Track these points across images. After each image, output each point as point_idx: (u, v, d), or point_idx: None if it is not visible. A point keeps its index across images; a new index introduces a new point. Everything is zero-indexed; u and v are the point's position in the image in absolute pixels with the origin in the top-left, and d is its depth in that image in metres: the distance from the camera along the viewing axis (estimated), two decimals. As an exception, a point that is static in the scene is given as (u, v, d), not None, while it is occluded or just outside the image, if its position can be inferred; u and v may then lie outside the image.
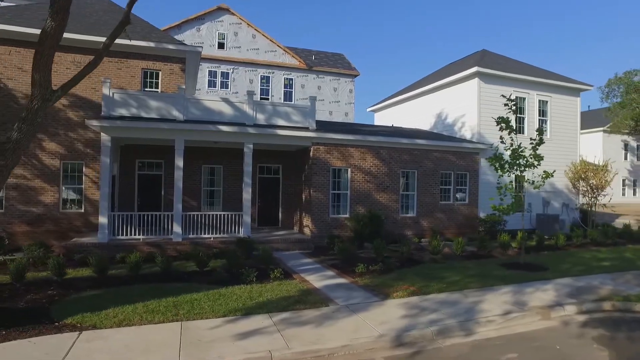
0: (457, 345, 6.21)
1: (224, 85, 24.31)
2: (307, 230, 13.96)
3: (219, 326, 6.52)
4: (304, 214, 14.43)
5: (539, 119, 17.23)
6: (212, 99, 13.47)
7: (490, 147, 16.29)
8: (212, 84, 23.92)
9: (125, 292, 8.14)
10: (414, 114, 20.63)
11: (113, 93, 12.15)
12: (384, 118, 23.40)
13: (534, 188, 11.11)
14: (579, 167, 16.50)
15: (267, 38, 25.03)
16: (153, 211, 13.20)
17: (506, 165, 10.95)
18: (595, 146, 28.99)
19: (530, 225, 16.62)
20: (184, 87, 12.81)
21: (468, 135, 16.70)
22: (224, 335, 6.17)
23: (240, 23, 24.54)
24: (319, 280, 9.47)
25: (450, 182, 15.62)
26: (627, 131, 24.23)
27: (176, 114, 12.50)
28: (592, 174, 15.94)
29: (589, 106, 43.01)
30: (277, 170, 15.81)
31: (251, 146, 12.95)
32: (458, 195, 15.75)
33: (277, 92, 24.84)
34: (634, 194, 30.58)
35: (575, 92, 18.07)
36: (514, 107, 11.07)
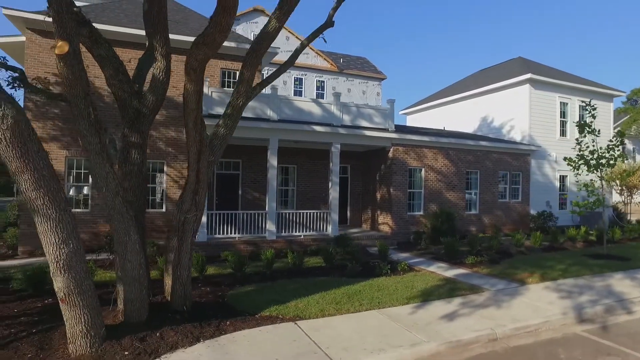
0: (633, 321, 6.98)
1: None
2: (385, 228, 14.51)
3: (414, 312, 6.99)
4: (379, 212, 14.97)
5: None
6: (302, 100, 13.81)
7: (539, 148, 17.52)
8: (246, 85, 23.92)
9: (278, 287, 8.38)
10: (452, 117, 21.64)
11: (212, 92, 12.26)
12: (418, 121, 24.30)
13: (621, 184, 12.20)
14: (615, 168, 17.97)
15: (300, 40, 25.38)
16: (231, 210, 13.33)
17: (590, 166, 11.95)
18: (596, 149, 31.26)
19: (572, 221, 17.92)
20: (277, 87, 13.09)
21: (518, 138, 17.83)
22: (431, 318, 6.65)
23: (275, 25, 24.79)
24: (442, 270, 10.06)
25: (506, 182, 16.65)
26: (634, 134, 26.41)
27: (270, 113, 12.77)
28: (627, 174, 17.40)
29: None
30: (345, 171, 16.26)
31: (339, 146, 13.39)
32: (512, 192, 16.83)
33: (309, 94, 25.21)
34: (630, 193, 33.11)
35: (609, 97, 19.69)
36: (593, 112, 12.10)
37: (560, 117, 18.27)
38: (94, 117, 5.06)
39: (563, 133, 18.22)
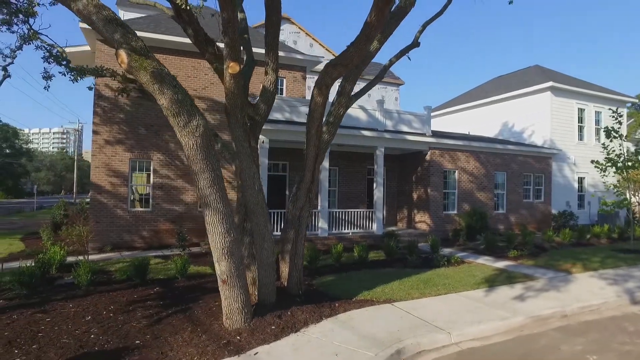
0: (677, 302, 8.04)
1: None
2: (422, 226, 15.53)
3: (487, 295, 7.99)
4: (415, 211, 15.99)
5: (595, 128, 19.90)
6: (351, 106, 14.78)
7: (560, 152, 18.68)
8: (272, 90, 24.88)
9: (354, 277, 9.27)
10: (472, 122, 22.77)
11: (270, 100, 13.18)
12: (437, 125, 25.39)
13: (636, 186, 13.36)
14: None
15: (323, 47, 26.43)
16: (278, 209, 14.20)
17: (618, 168, 13.08)
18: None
19: (590, 220, 19.10)
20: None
21: (539, 142, 18.99)
22: (504, 299, 7.65)
23: (299, 32, 25.80)
24: (490, 262, 11.09)
25: (530, 183, 17.79)
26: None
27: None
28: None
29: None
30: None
31: (383, 149, 14.39)
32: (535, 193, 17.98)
33: (331, 99, 26.19)
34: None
35: (622, 103, 20.98)
36: (620, 119, 13.24)
37: (578, 123, 19.48)
38: (248, 126, 5.99)
39: (581, 137, 19.45)
